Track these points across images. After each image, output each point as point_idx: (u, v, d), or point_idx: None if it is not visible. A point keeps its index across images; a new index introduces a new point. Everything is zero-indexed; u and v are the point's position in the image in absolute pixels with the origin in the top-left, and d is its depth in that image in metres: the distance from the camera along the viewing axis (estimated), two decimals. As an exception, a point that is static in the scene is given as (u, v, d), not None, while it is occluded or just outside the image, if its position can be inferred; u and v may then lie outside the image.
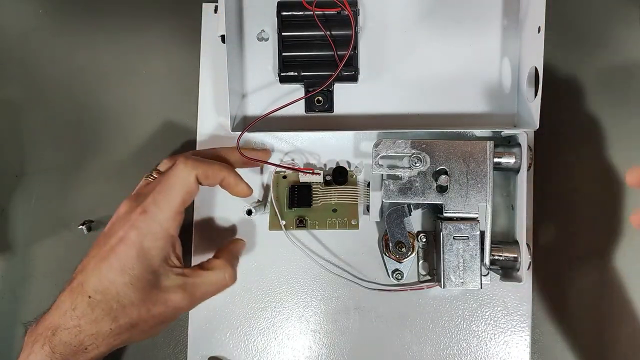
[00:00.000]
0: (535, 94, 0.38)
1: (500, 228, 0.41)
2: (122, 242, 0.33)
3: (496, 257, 0.39)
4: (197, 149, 0.44)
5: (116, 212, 0.36)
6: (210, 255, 0.39)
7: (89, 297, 0.32)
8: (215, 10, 0.44)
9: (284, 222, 0.40)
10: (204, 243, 0.42)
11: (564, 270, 0.42)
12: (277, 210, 0.40)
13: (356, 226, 0.40)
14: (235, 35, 0.42)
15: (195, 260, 0.43)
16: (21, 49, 0.45)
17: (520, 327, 0.41)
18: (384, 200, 0.39)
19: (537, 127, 0.38)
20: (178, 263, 0.35)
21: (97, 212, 0.44)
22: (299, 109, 0.43)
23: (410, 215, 0.40)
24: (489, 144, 0.38)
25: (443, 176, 0.38)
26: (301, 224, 0.40)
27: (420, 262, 0.42)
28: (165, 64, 0.45)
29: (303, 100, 0.42)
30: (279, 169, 0.41)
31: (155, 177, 0.38)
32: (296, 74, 0.41)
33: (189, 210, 0.42)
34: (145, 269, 0.33)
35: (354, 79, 0.42)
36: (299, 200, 0.40)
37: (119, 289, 0.33)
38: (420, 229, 0.42)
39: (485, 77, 0.42)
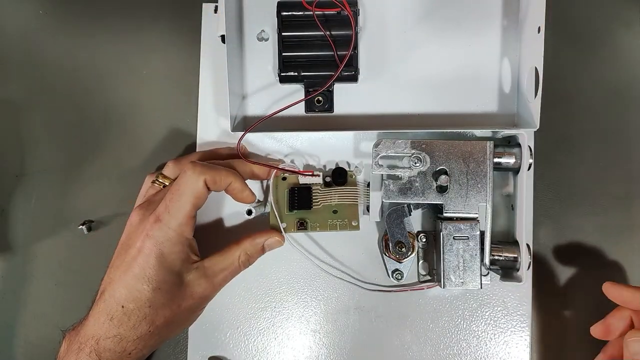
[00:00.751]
0: (535, 94, 0.38)
1: (500, 228, 0.41)
2: (141, 253, 0.35)
3: (496, 257, 0.39)
4: (197, 149, 0.43)
5: (129, 221, 0.38)
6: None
7: (122, 307, 0.35)
8: (215, 11, 0.44)
9: (284, 225, 0.40)
10: (204, 243, 0.42)
11: (564, 270, 0.43)
12: (276, 214, 0.40)
13: (357, 227, 0.40)
14: (235, 35, 0.42)
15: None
16: (21, 49, 0.45)
17: (520, 327, 0.41)
18: (384, 200, 0.39)
19: (537, 127, 0.38)
20: (196, 258, 0.37)
21: (97, 212, 0.44)
22: (298, 109, 0.43)
23: (410, 215, 0.40)
24: (489, 144, 0.38)
25: (443, 176, 0.38)
26: (302, 226, 0.40)
27: (420, 262, 0.42)
28: (165, 64, 0.45)
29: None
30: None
31: (161, 182, 0.39)
32: (296, 74, 0.41)
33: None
34: (167, 273, 0.36)
35: (354, 79, 0.42)
36: (299, 202, 0.40)
37: (148, 295, 0.35)
38: (420, 229, 0.42)
39: (485, 77, 0.43)
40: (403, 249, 0.40)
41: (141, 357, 0.37)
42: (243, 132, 0.39)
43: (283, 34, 0.41)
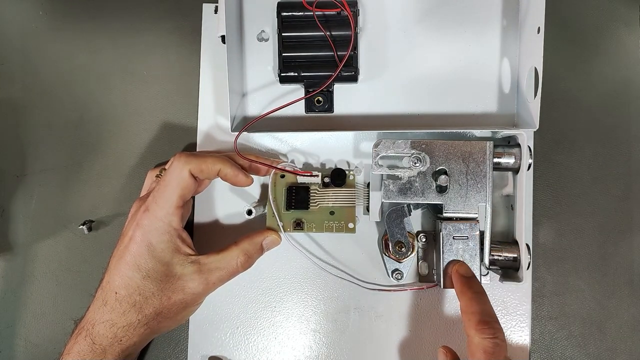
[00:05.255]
0: (535, 94, 0.38)
1: (500, 228, 0.41)
2: (132, 241, 0.36)
3: (496, 257, 0.39)
4: (198, 149, 0.44)
5: (129, 212, 0.39)
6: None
7: (116, 293, 0.36)
8: (216, 11, 0.44)
9: (281, 224, 0.40)
10: (204, 243, 0.42)
11: (563, 270, 0.43)
12: (274, 212, 0.40)
13: (353, 230, 0.40)
14: (235, 36, 0.42)
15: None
16: (21, 49, 0.45)
17: (520, 327, 0.41)
18: (383, 200, 0.39)
19: (537, 127, 0.38)
20: (190, 251, 0.37)
21: (98, 212, 0.44)
22: (299, 109, 0.43)
23: (410, 215, 0.40)
24: (489, 144, 0.38)
25: (443, 176, 0.38)
26: (298, 226, 0.40)
27: (420, 262, 0.42)
28: (165, 64, 0.45)
29: (303, 100, 0.42)
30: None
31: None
32: (296, 74, 0.41)
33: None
34: (157, 261, 0.36)
35: (354, 79, 0.42)
36: (297, 202, 0.40)
37: (139, 283, 0.36)
38: (420, 229, 0.42)
39: (485, 77, 0.43)
40: (403, 249, 0.40)
41: (132, 347, 0.37)
42: (239, 131, 0.39)
43: (283, 34, 0.41)
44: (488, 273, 0.39)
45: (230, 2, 0.40)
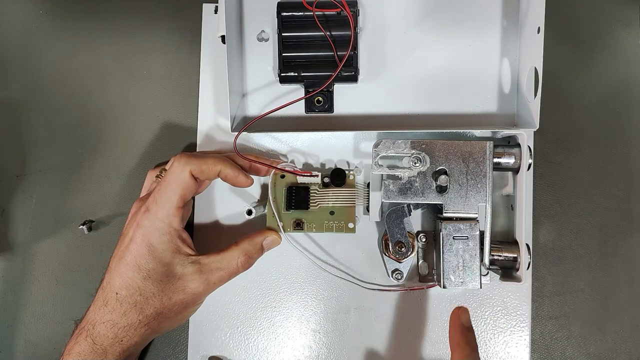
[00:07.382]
0: (535, 94, 0.38)
1: (500, 228, 0.41)
2: (132, 242, 0.36)
3: (496, 257, 0.39)
4: (198, 149, 0.44)
5: (129, 212, 0.39)
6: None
7: (116, 293, 0.36)
8: (216, 11, 0.44)
9: (281, 224, 0.40)
10: (204, 243, 0.42)
11: (563, 270, 0.43)
12: (274, 212, 0.40)
13: (353, 230, 0.40)
14: (235, 36, 0.42)
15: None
16: (21, 49, 0.45)
17: (520, 327, 0.41)
18: (383, 200, 0.39)
19: (537, 127, 0.38)
20: (191, 252, 0.38)
21: (98, 212, 0.44)
22: (299, 109, 0.43)
23: (410, 215, 0.40)
24: (489, 144, 0.38)
25: (443, 176, 0.38)
26: (298, 226, 0.40)
27: (420, 262, 0.42)
28: (165, 64, 0.45)
29: (303, 100, 0.42)
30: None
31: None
32: (296, 74, 0.41)
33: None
34: (158, 262, 0.36)
35: (354, 79, 0.42)
36: (297, 202, 0.40)
37: (139, 284, 0.36)
38: (420, 229, 0.42)
39: (485, 77, 0.43)
40: (403, 249, 0.40)
41: (133, 347, 0.37)
42: (239, 131, 0.39)
43: (283, 34, 0.41)
44: (488, 273, 0.39)
45: (230, 2, 0.40)
